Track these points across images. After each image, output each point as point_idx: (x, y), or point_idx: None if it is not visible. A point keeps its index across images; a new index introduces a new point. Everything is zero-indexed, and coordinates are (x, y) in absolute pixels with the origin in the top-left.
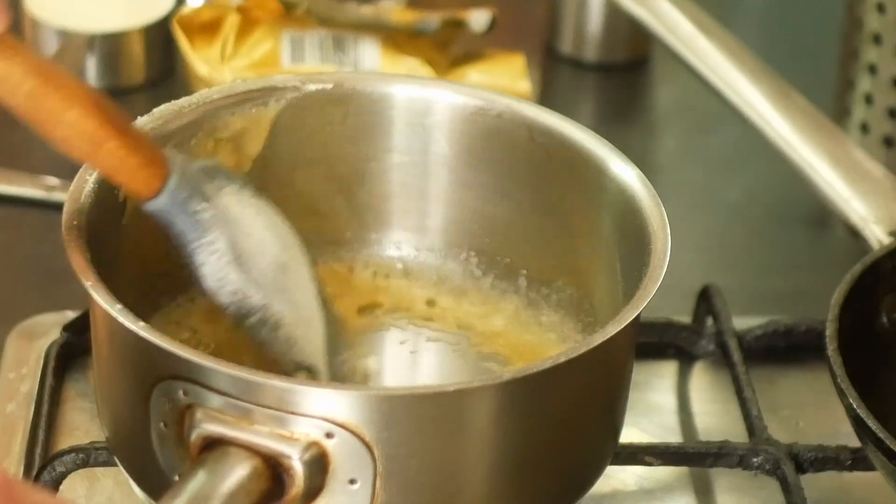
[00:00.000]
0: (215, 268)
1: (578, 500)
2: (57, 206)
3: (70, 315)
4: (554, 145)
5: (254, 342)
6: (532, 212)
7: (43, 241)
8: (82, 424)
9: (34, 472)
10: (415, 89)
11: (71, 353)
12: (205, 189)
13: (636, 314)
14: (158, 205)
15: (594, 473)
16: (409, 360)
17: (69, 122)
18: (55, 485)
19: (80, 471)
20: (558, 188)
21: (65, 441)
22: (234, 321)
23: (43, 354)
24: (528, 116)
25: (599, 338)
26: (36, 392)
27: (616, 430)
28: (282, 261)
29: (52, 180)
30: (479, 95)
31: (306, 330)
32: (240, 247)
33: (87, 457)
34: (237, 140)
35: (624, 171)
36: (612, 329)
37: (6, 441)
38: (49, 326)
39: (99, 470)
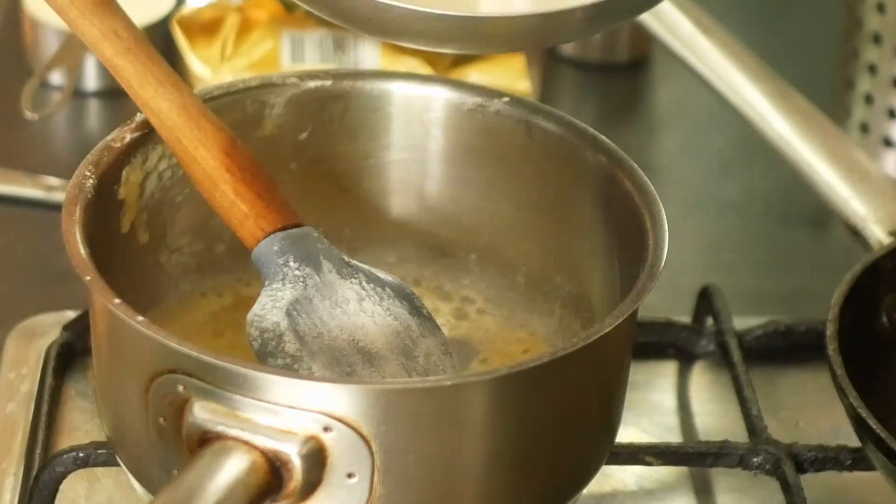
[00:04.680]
0: (263, 303)
1: (576, 496)
2: (57, 207)
3: (70, 315)
4: (552, 142)
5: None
6: (530, 208)
7: (43, 241)
8: (82, 424)
9: (34, 472)
10: (413, 86)
11: (71, 353)
12: (311, 258)
13: (633, 309)
14: (253, 254)
15: (591, 469)
16: None
17: (198, 159)
18: (55, 485)
19: (80, 471)
20: (556, 185)
21: (65, 441)
22: (254, 349)
23: (43, 354)
24: (526, 113)
25: (596, 333)
26: (36, 392)
27: (613, 426)
28: (370, 349)
29: (52, 180)
30: (478, 92)
31: None
32: (304, 307)
33: (87, 457)
34: None
35: None
36: (610, 324)
37: (6, 441)
38: (49, 326)
39: (99, 470)
